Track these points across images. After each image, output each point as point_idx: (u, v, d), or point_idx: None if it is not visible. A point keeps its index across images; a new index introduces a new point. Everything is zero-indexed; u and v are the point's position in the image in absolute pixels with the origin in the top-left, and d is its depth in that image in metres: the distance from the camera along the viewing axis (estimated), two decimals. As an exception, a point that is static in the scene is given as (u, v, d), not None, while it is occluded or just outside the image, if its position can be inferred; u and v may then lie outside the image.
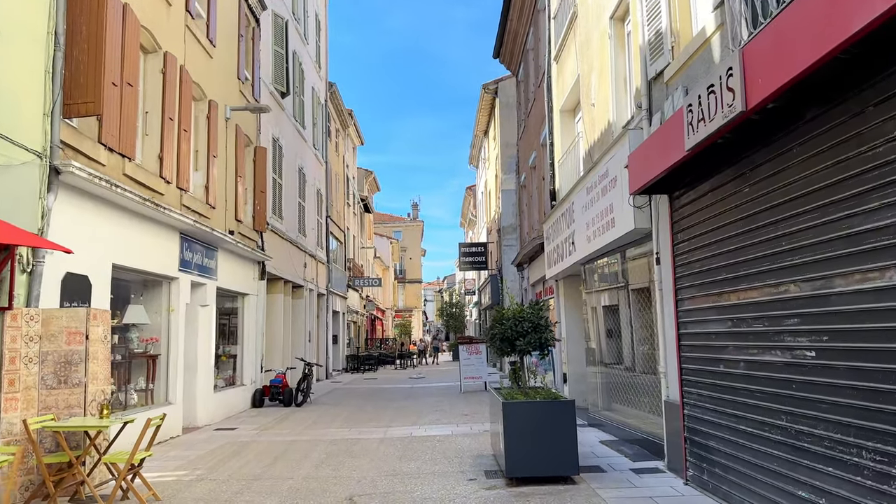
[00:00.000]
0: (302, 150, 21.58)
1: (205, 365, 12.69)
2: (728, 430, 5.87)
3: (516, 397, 7.26)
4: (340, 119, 30.05)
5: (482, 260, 30.73)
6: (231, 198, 14.24)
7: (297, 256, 20.41)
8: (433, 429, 11.37)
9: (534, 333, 7.72)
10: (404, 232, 71.17)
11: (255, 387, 15.57)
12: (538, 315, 7.89)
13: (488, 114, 30.63)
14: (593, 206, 9.75)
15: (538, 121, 16.70)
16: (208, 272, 12.77)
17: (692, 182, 6.53)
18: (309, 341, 22.23)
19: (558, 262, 12.91)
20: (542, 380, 10.06)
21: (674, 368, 7.20)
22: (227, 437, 11.05)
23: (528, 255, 17.42)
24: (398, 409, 14.60)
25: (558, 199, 13.69)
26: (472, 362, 18.23)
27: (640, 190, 7.03)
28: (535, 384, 8.54)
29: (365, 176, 40.58)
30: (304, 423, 12.66)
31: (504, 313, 7.96)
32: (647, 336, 9.36)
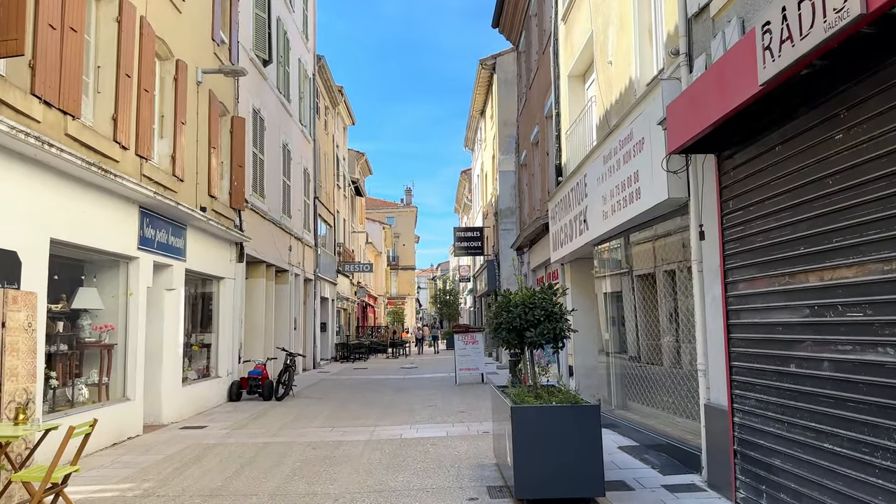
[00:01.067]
0: (286, 124, 20.15)
1: (171, 355, 11.37)
2: (802, 448, 4.61)
3: (527, 400, 5.97)
4: (330, 96, 28.58)
5: (478, 245, 29.42)
6: (203, 171, 12.87)
7: (281, 238, 19.05)
8: (426, 429, 10.10)
9: (547, 323, 6.43)
10: (397, 218, 69.75)
11: (231, 379, 14.26)
12: (552, 301, 6.60)
13: (485, 92, 29.20)
14: (612, 177, 8.44)
15: (542, 91, 15.35)
16: (175, 252, 11.42)
17: (752, 136, 5.23)
18: (294, 329, 20.92)
19: (566, 244, 11.61)
20: (544, 374, 8.81)
21: (719, 366, 5.93)
22: (192, 437, 9.75)
23: (529, 237, 16.13)
24: (388, 404, 13.33)
25: (565, 174, 12.38)
26: (469, 353, 16.97)
27: (682, 147, 5.72)
28: (547, 382, 7.28)
29: (356, 158, 39.09)
30: (283, 420, 11.37)
31: (511, 299, 6.67)
32: (674, 326, 8.10)
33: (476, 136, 35.86)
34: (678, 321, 8.12)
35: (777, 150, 4.88)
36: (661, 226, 7.90)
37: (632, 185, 7.68)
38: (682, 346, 8.03)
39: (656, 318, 8.70)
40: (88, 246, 8.75)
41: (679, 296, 7.83)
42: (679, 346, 8.09)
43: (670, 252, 7.86)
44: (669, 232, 7.83)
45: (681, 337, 7.90)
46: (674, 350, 8.33)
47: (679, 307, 8.04)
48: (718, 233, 5.85)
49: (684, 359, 7.99)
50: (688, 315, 7.60)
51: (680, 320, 7.99)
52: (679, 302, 7.88)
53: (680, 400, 7.88)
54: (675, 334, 8.23)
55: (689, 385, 7.58)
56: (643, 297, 8.98)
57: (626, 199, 7.89)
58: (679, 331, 7.98)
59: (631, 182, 7.70)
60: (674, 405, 8.14)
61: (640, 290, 9.13)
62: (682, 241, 7.40)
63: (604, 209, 8.87)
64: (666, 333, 8.57)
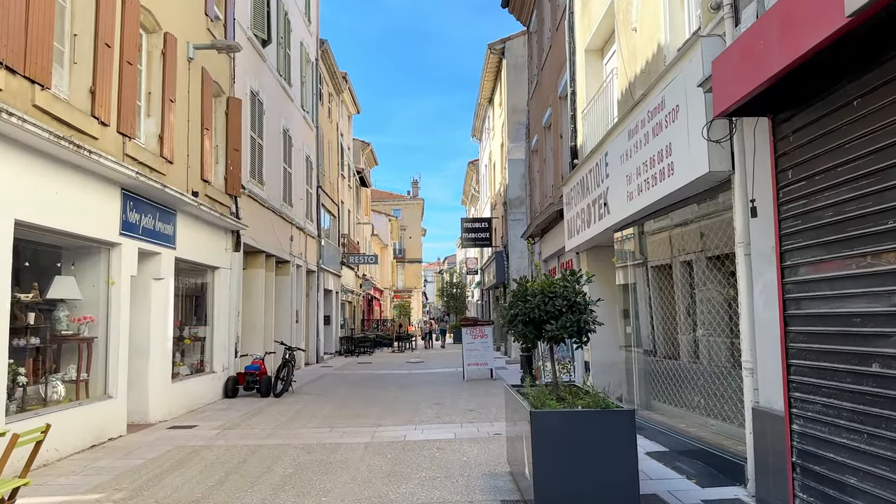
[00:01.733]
0: (287, 109, 19.35)
1: (160, 349, 10.62)
2: (889, 465, 3.79)
3: (548, 403, 5.15)
4: (334, 82, 27.75)
5: (486, 236, 28.58)
6: (196, 153, 12.08)
7: (281, 228, 18.28)
8: (432, 430, 9.32)
9: (569, 314, 5.61)
10: (404, 210, 68.92)
11: (227, 374, 13.51)
12: (575, 290, 5.79)
13: (494, 78, 28.32)
14: (639, 153, 7.61)
15: (555, 71, 14.48)
16: (163, 239, 10.65)
17: (819, 92, 4.39)
18: (296, 322, 20.18)
19: (582, 231, 10.78)
20: (565, 370, 7.98)
21: (772, 364, 5.10)
22: (179, 438, 9.00)
23: (541, 225, 15.29)
24: (392, 401, 12.55)
25: (581, 156, 11.54)
26: (477, 347, 16.17)
27: (731, 110, 4.88)
28: (568, 379, 6.49)
29: (362, 148, 38.26)
30: (279, 419, 10.61)
31: (529, 287, 5.86)
32: (709, 318, 7.27)
33: (484, 125, 34.98)
34: (722, 312, 7.30)
35: (856, 104, 4.04)
36: (696, 206, 7.05)
37: (663, 160, 6.84)
38: (718, 341, 7.21)
39: (686, 309, 7.87)
40: (62, 230, 7.98)
41: (716, 284, 7.00)
42: (715, 340, 7.27)
43: (706, 236, 7.02)
44: (704, 213, 6.99)
45: (718, 330, 7.07)
46: (708, 345, 7.51)
47: (714, 297, 7.22)
48: (773, 209, 5.01)
49: (720, 354, 7.18)
50: (724, 305, 6.78)
51: (716, 312, 7.17)
52: (715, 291, 7.06)
53: (715, 401, 7.06)
54: (711, 327, 7.41)
55: (727, 384, 6.76)
56: (672, 286, 8.15)
57: (656, 177, 7.05)
58: (715, 323, 7.16)
59: (662, 157, 6.86)
60: (707, 406, 7.32)
61: (667, 279, 8.30)
62: (722, 223, 6.57)
63: (628, 190, 8.03)
64: (698, 327, 7.75)
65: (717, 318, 7.05)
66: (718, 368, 7.08)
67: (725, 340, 6.95)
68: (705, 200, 6.79)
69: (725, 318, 6.85)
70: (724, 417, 6.86)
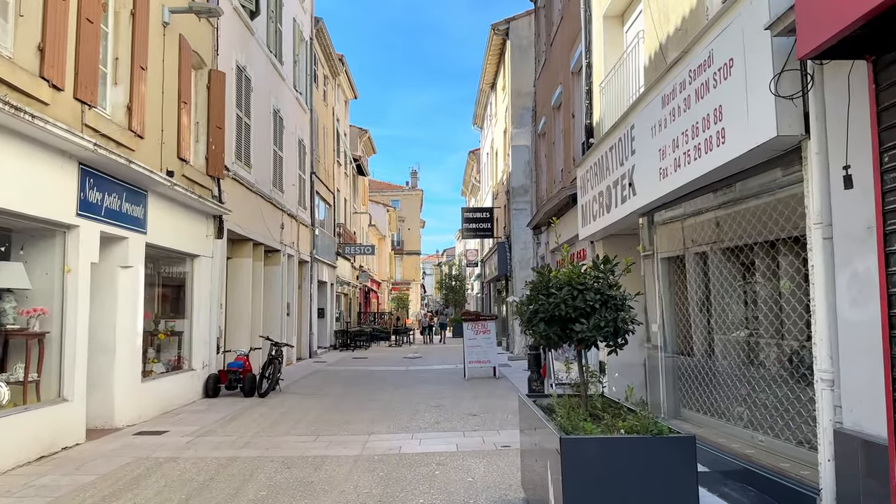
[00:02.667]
0: (278, 88, 18.18)
1: (128, 346, 9.52)
2: None
3: (583, 426, 4.04)
4: (329, 64, 26.55)
5: (487, 227, 27.45)
6: (171, 129, 10.95)
7: (271, 215, 17.15)
8: (431, 440, 8.23)
9: (604, 311, 4.51)
10: (402, 201, 67.74)
11: (208, 372, 12.41)
12: (608, 281, 4.69)
13: (497, 61, 27.13)
14: (677, 122, 6.49)
15: (567, 44, 13.34)
16: (132, 222, 9.53)
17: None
18: (287, 315, 19.08)
19: (599, 217, 9.68)
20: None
21: (868, 376, 4.01)
22: (143, 447, 7.90)
23: (549, 213, 14.17)
24: (387, 403, 11.46)
25: (599, 133, 10.43)
26: (479, 343, 15.08)
27: (824, 48, 3.77)
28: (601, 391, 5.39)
29: (359, 135, 37.06)
30: (260, 424, 9.52)
31: (553, 277, 4.75)
32: (753, 315, 6.18)
33: (486, 111, 33.80)
34: (762, 309, 6.22)
35: None
36: (747, 182, 5.94)
37: (709, 126, 5.72)
38: (767, 342, 6.13)
39: (726, 305, 6.78)
40: (4, 209, 6.85)
41: (766, 276, 5.90)
42: (765, 342, 6.20)
43: (761, 217, 5.91)
44: (757, 191, 5.88)
45: (770, 330, 5.98)
46: (752, 347, 6.43)
47: (763, 291, 6.14)
48: (874, 178, 3.90)
49: (769, 358, 6.10)
50: (773, 300, 5.69)
51: (766, 308, 6.09)
52: (765, 284, 5.96)
53: (764, 413, 5.98)
54: (757, 326, 6.33)
55: (781, 394, 5.68)
56: (708, 278, 7.04)
57: (700, 148, 5.93)
58: (767, 322, 6.07)
59: (708, 123, 5.74)
60: (753, 418, 6.24)
61: (702, 270, 7.19)
62: (777, 203, 5.47)
63: (661, 166, 6.91)
64: (740, 325, 6.66)
65: (766, 316, 5.96)
66: (769, 375, 6.01)
67: (777, 342, 5.87)
68: (758, 175, 5.68)
69: (775, 315, 5.77)
70: (777, 433, 5.79)
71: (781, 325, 5.80)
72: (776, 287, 5.92)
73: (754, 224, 6.04)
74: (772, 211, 5.70)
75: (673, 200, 7.19)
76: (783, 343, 5.85)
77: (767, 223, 5.79)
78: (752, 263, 6.30)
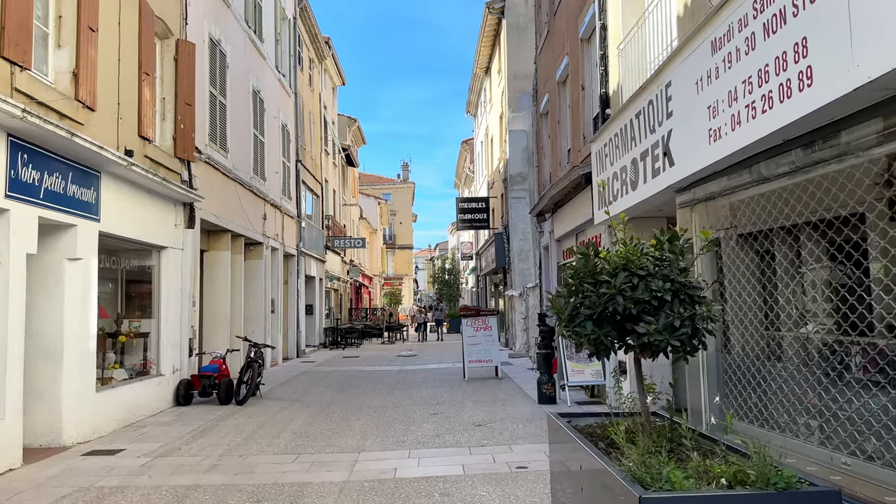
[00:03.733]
0: (258, 68, 16.82)
1: (79, 350, 8.22)
2: None
3: (670, 475, 2.75)
4: (315, 46, 25.15)
5: (483, 217, 26.17)
6: (130, 103, 9.62)
7: (251, 204, 15.82)
8: (431, 458, 6.98)
9: (677, 306, 3.27)
10: (394, 194, 66.34)
11: (180, 377, 11.11)
12: (678, 266, 3.44)
13: (491, 43, 25.82)
14: (735, 68, 5.24)
15: (574, 10, 12.07)
16: (81, 207, 8.22)
17: None
18: (272, 313, 17.78)
19: (622, 196, 8.43)
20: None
21: None
22: (88, 473, 6.62)
23: (555, 198, 12.92)
24: (379, 411, 10.21)
25: (618, 102, 9.19)
26: (480, 341, 13.84)
27: None
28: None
29: (348, 124, 35.64)
30: (234, 438, 8.25)
31: (603, 261, 3.50)
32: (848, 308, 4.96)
33: (480, 98, 32.50)
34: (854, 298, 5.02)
35: None
36: (833, 140, 4.69)
37: (788, 67, 4.48)
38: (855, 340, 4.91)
39: (787, 295, 5.55)
40: None
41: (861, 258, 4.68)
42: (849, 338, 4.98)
43: (845, 185, 4.67)
44: (843, 151, 4.64)
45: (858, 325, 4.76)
46: (825, 346, 5.22)
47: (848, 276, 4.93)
48: None
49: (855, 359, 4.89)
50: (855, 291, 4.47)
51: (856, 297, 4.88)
52: (856, 268, 4.74)
53: (846, 428, 4.77)
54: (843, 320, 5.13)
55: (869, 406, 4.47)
56: (765, 263, 5.81)
57: (773, 96, 4.68)
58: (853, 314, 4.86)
59: (785, 62, 4.49)
60: (831, 435, 5.03)
61: (765, 253, 5.96)
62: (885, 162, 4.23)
63: (712, 126, 5.66)
64: (809, 320, 5.44)
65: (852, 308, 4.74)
66: (857, 380, 4.79)
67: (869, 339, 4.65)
68: (851, 128, 4.44)
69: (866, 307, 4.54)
70: (870, 455, 4.58)
71: (870, 318, 4.58)
72: (865, 272, 4.71)
73: (835, 194, 4.81)
74: (863, 176, 4.47)
75: (724, 170, 5.94)
76: (875, 340, 4.63)
77: (855, 192, 4.56)
78: (830, 244, 5.08)
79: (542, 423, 8.73)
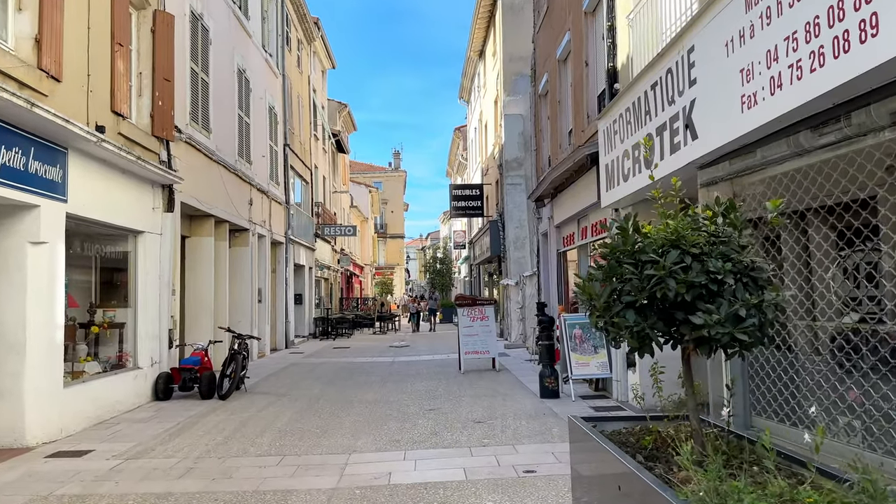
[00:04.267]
0: (244, 45, 16.06)
1: (44, 342, 7.55)
2: None
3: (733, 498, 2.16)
4: (304, 27, 24.33)
5: (478, 205, 25.55)
6: (102, 75, 8.90)
7: (236, 188, 15.10)
8: (429, 461, 6.38)
9: (741, 290, 2.66)
10: (385, 183, 65.50)
11: (158, 370, 10.45)
12: (738, 243, 2.83)
13: (486, 25, 25.09)
14: (775, 24, 4.62)
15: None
16: (45, 186, 7.52)
17: None
18: (259, 302, 17.10)
19: (633, 175, 7.82)
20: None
21: None
22: (49, 479, 5.97)
23: (556, 182, 12.29)
24: (371, 406, 9.59)
25: (628, 76, 8.56)
26: (476, 331, 13.24)
27: None
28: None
29: (338, 109, 34.82)
30: (214, 437, 7.61)
31: (645, 237, 2.88)
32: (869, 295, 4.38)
33: (474, 83, 31.77)
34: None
35: None
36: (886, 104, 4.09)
37: (843, 17, 3.86)
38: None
39: (841, 279, 4.97)
40: None
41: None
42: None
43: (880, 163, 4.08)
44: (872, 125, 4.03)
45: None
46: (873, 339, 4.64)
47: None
48: None
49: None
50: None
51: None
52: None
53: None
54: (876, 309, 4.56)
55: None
56: (817, 244, 5.21)
57: (824, 52, 4.07)
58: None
59: (841, 13, 3.87)
60: (882, 437, 4.46)
61: (800, 235, 5.37)
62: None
63: (746, 91, 5.04)
64: (852, 309, 4.87)
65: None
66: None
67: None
68: None
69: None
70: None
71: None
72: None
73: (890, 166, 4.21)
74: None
75: (757, 142, 5.32)
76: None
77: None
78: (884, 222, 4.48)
79: (547, 419, 8.15)
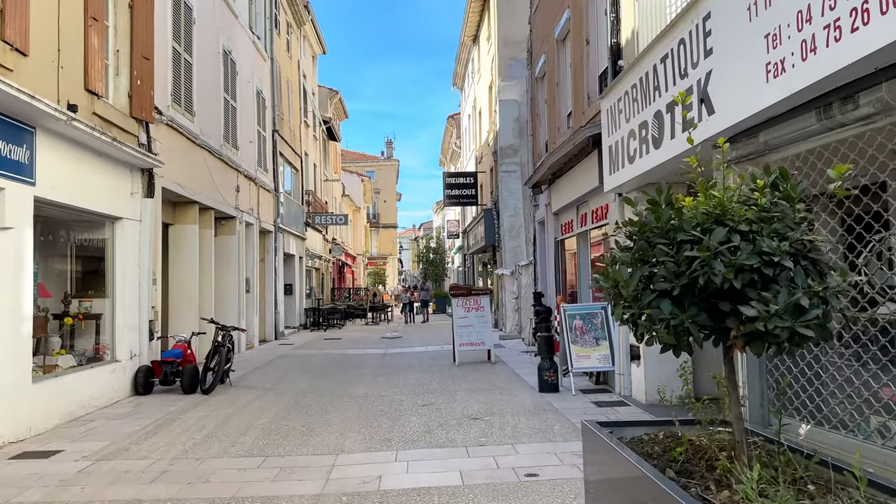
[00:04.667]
0: (230, 25, 15.46)
1: (9, 335, 7.04)
2: None
3: None
4: (293, 10, 23.68)
5: (471, 193, 25.01)
6: (74, 51, 8.35)
7: (222, 174, 14.55)
8: (423, 462, 5.93)
9: (801, 276, 2.20)
10: (377, 172, 64.76)
11: (138, 363, 9.96)
12: (793, 219, 2.36)
13: (480, 9, 24.49)
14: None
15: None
16: (10, 168, 7.00)
17: None
18: (247, 292, 16.59)
19: (640, 157, 7.35)
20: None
21: None
22: (9, 483, 5.49)
23: (554, 167, 11.81)
24: (361, 401, 9.14)
25: (633, 52, 8.08)
26: (472, 322, 12.79)
27: None
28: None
29: (329, 96, 34.17)
30: (192, 436, 7.14)
31: (680, 213, 2.41)
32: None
33: (467, 69, 31.18)
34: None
35: None
36: None
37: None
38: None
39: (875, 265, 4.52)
40: None
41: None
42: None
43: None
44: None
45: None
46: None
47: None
48: None
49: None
50: None
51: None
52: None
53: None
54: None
55: None
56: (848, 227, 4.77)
57: (872, 6, 3.60)
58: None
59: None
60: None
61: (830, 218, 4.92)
62: None
63: (771, 59, 4.57)
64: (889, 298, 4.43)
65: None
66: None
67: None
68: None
69: None
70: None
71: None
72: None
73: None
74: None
75: (782, 115, 4.86)
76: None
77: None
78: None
79: (547, 415, 7.72)
